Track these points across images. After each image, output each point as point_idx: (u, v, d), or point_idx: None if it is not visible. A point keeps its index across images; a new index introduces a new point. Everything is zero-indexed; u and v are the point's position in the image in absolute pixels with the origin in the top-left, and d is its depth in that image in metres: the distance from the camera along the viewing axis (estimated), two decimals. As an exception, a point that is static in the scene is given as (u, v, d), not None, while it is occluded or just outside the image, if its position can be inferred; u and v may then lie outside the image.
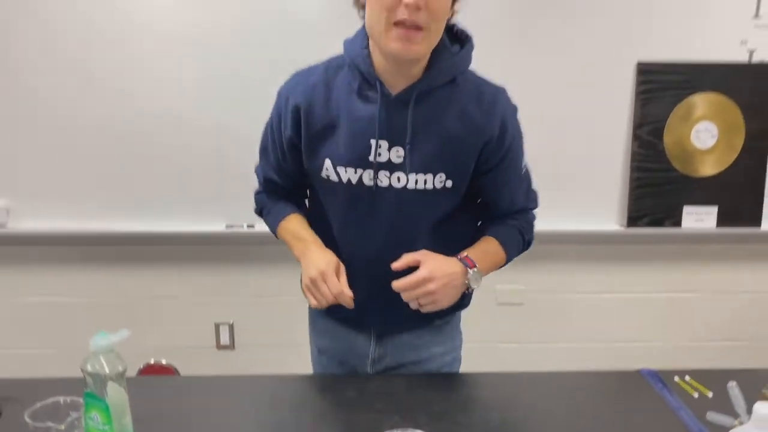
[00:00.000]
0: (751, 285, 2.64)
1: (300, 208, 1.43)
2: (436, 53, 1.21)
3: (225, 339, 2.59)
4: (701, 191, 2.47)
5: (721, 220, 2.49)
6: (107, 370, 0.92)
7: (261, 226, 1.53)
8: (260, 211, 1.47)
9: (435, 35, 1.15)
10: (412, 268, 1.21)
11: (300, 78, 1.30)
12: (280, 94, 1.32)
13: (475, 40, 1.32)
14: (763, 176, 2.48)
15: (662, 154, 2.45)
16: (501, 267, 1.37)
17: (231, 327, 2.59)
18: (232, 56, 2.30)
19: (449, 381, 1.37)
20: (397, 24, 1.10)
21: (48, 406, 0.96)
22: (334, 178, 1.26)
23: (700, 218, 2.49)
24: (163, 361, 2.58)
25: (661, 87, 2.40)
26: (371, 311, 1.32)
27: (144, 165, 2.38)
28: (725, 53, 2.39)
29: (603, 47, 2.37)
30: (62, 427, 0.93)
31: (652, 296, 2.62)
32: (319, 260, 1.23)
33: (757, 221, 2.51)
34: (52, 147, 2.35)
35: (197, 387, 1.30)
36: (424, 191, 1.24)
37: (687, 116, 2.42)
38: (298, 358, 1.69)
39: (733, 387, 1.20)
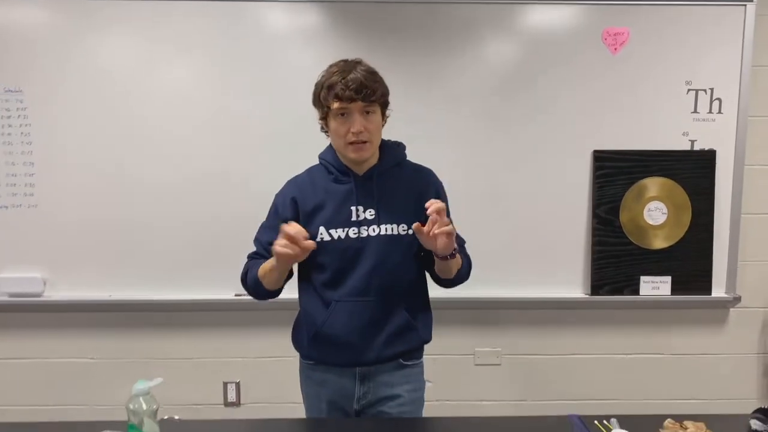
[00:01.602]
0: (705, 347, 2.92)
1: None
2: (387, 148, 1.79)
3: (232, 396, 2.88)
4: (656, 262, 2.79)
5: (675, 288, 2.79)
6: (144, 408, 1.23)
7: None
8: (245, 275, 1.81)
9: (375, 142, 1.72)
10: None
11: (292, 182, 1.81)
12: (278, 195, 1.80)
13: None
14: (710, 248, 2.79)
15: (619, 230, 2.78)
16: (458, 267, 1.76)
17: (238, 385, 2.88)
18: (236, 151, 2.70)
19: (412, 425, 1.68)
20: (350, 143, 1.66)
21: (98, 436, 1.27)
22: (327, 238, 1.71)
23: (656, 286, 2.79)
24: (176, 417, 2.85)
25: (615, 172, 2.75)
26: (358, 347, 1.72)
27: (163, 243, 2.73)
28: (670, 142, 2.75)
29: (564, 139, 2.73)
30: (110, 451, 1.24)
31: (614, 357, 2.91)
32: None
33: (707, 289, 2.81)
34: (82, 227, 2.71)
35: (207, 428, 1.59)
36: (392, 236, 1.72)
37: (639, 197, 2.77)
38: (300, 413, 1.94)
39: (614, 422, 1.53)
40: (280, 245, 1.56)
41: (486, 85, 2.70)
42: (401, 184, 1.77)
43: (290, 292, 1.86)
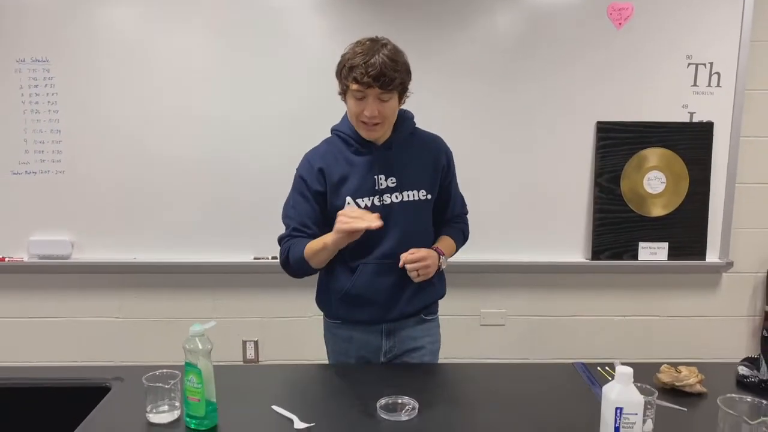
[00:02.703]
0: (699, 309, 3.08)
1: None
2: (400, 119, 1.85)
3: (251, 354, 3.04)
4: (654, 229, 2.93)
5: (672, 254, 2.94)
6: (200, 347, 1.37)
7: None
8: (286, 256, 1.85)
9: (389, 123, 1.79)
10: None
11: (312, 153, 1.87)
12: (301, 168, 1.85)
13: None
14: (705, 216, 2.93)
15: (620, 198, 2.91)
16: (453, 254, 1.98)
17: (256, 344, 3.04)
18: (258, 119, 2.81)
19: (431, 369, 1.85)
20: (362, 122, 1.74)
21: (156, 374, 1.41)
22: (354, 207, 1.78)
23: (653, 252, 2.94)
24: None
25: (617, 142, 2.88)
26: (384, 305, 1.84)
27: (186, 207, 2.86)
28: (670, 114, 2.88)
29: (568, 110, 2.86)
30: (167, 386, 1.39)
31: (613, 318, 3.07)
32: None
33: (702, 254, 2.96)
34: (108, 192, 2.84)
35: (240, 372, 1.75)
36: (414, 201, 1.84)
37: (639, 166, 2.90)
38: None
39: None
40: (350, 223, 1.63)
41: (493, 56, 2.81)
42: (417, 152, 1.87)
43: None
